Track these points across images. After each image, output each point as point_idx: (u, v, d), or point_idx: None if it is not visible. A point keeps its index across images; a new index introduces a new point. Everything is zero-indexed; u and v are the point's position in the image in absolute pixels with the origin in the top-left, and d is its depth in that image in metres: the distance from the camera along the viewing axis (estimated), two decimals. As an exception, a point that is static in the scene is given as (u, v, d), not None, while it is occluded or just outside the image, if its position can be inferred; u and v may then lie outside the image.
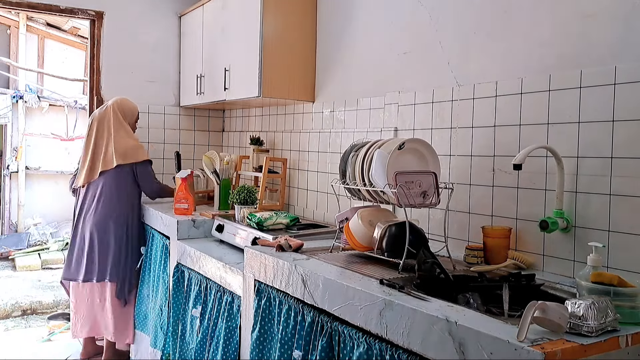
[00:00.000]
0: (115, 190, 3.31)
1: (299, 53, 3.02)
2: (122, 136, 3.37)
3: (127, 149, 3.34)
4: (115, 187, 3.31)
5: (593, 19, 1.71)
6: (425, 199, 1.89)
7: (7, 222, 7.55)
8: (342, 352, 1.60)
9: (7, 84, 7.65)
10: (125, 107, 3.47)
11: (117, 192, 3.31)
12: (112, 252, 3.27)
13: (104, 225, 3.27)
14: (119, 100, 3.49)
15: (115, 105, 3.44)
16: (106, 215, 3.27)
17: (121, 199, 3.32)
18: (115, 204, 3.30)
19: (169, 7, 3.99)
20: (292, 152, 3.26)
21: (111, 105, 3.43)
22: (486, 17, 2.06)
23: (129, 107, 3.49)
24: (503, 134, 1.97)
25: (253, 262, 2.08)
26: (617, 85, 1.63)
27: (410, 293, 1.48)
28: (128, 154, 3.33)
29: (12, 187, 7.61)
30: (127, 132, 3.41)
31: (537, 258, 1.85)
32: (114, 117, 3.39)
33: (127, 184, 3.35)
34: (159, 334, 2.94)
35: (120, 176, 3.32)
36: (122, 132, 3.38)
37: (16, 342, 4.08)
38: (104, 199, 3.29)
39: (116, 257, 3.28)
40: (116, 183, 3.31)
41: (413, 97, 2.36)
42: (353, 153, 2.07)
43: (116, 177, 3.31)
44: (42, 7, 3.66)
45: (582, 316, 1.19)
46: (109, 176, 3.31)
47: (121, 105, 3.46)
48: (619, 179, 1.62)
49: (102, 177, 3.31)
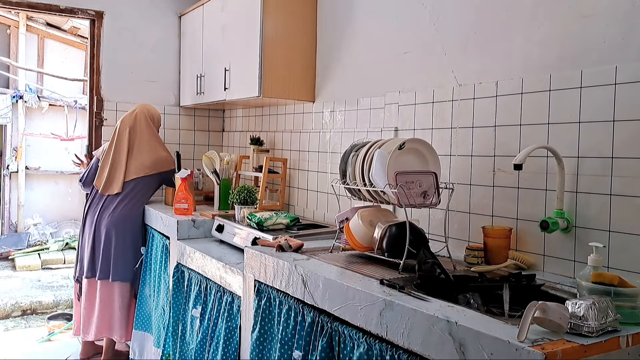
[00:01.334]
0: (139, 195, 3.38)
1: (299, 53, 3.02)
2: (156, 145, 3.46)
3: (160, 159, 3.43)
4: (141, 192, 3.38)
5: (593, 19, 1.71)
6: (425, 199, 1.89)
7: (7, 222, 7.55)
8: (342, 352, 1.60)
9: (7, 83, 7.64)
10: (154, 114, 3.56)
11: (140, 197, 3.38)
12: (129, 253, 3.31)
13: (123, 225, 3.30)
14: (146, 106, 3.56)
15: (145, 112, 3.51)
16: (125, 217, 3.31)
17: (140, 203, 3.39)
18: (134, 207, 3.36)
19: (169, 7, 3.99)
20: (292, 152, 3.26)
21: (140, 111, 3.49)
22: (486, 17, 2.06)
23: (157, 113, 3.58)
24: (503, 134, 1.97)
25: (253, 262, 2.08)
26: (617, 85, 1.62)
27: (410, 293, 1.48)
28: (159, 163, 3.42)
29: (12, 187, 7.60)
30: (159, 140, 3.52)
31: (537, 258, 1.85)
32: (145, 125, 3.46)
33: (149, 192, 3.45)
34: (162, 333, 2.94)
35: (146, 184, 3.40)
36: (155, 140, 3.48)
37: (16, 342, 4.08)
38: (127, 202, 3.33)
39: (131, 257, 3.32)
40: (142, 189, 3.38)
41: (413, 97, 2.36)
42: (353, 153, 2.07)
43: (142, 185, 3.38)
44: (42, 7, 3.66)
45: (583, 316, 1.19)
46: (134, 183, 3.36)
47: (151, 111, 3.54)
48: (620, 179, 1.62)
49: (132, 182, 3.36)
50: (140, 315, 3.27)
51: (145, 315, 3.25)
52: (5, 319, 4.69)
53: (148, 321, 3.22)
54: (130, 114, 3.49)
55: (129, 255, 3.32)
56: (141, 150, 3.41)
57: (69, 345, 3.80)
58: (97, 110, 3.78)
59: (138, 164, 3.38)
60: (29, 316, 4.82)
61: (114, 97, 3.85)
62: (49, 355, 3.58)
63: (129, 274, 3.32)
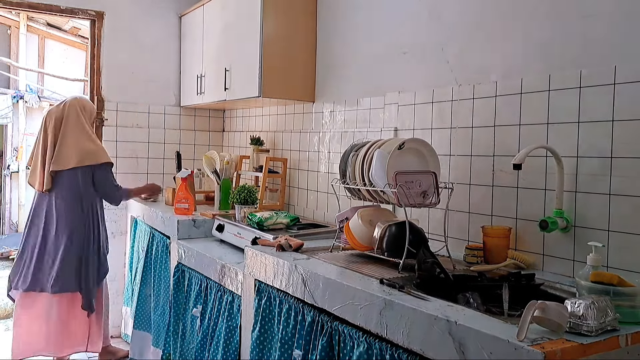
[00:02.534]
0: (72, 194, 3.11)
1: (299, 53, 3.02)
2: (83, 137, 3.16)
3: (87, 150, 3.14)
4: (74, 191, 3.11)
5: (593, 19, 1.71)
6: (425, 199, 1.90)
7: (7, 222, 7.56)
8: (342, 351, 1.60)
9: (7, 84, 7.65)
10: (87, 105, 3.29)
11: (74, 196, 3.11)
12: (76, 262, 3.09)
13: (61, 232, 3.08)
14: (79, 98, 3.30)
15: (76, 103, 3.23)
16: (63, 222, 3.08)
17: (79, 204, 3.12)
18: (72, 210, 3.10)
19: (169, 7, 4.00)
20: (292, 152, 3.26)
21: (70, 103, 3.21)
22: (486, 16, 2.06)
23: (89, 106, 3.32)
24: (503, 134, 1.97)
25: (253, 261, 2.09)
26: (617, 85, 1.63)
27: (410, 293, 1.48)
28: (87, 155, 3.13)
29: (13, 187, 7.62)
30: (88, 132, 3.21)
31: (537, 258, 1.85)
32: (74, 116, 3.18)
33: (85, 188, 3.14)
34: (162, 333, 2.94)
35: (77, 179, 3.12)
36: (83, 132, 3.18)
37: (17, 341, 4.07)
38: (61, 204, 3.10)
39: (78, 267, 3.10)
40: (74, 186, 3.11)
41: (413, 97, 2.36)
42: (353, 153, 2.07)
43: (73, 181, 3.11)
44: (43, 7, 3.66)
45: (582, 316, 1.19)
46: (66, 179, 3.11)
47: (82, 103, 3.26)
48: (619, 179, 1.62)
49: (59, 180, 3.11)
50: (140, 315, 3.27)
51: (145, 315, 3.25)
52: (5, 319, 4.69)
53: (148, 321, 3.22)
54: (58, 105, 3.25)
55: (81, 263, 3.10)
56: (66, 142, 3.12)
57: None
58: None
59: (64, 156, 3.10)
60: (30, 316, 4.82)
61: (115, 97, 3.85)
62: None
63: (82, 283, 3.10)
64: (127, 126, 3.91)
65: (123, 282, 3.90)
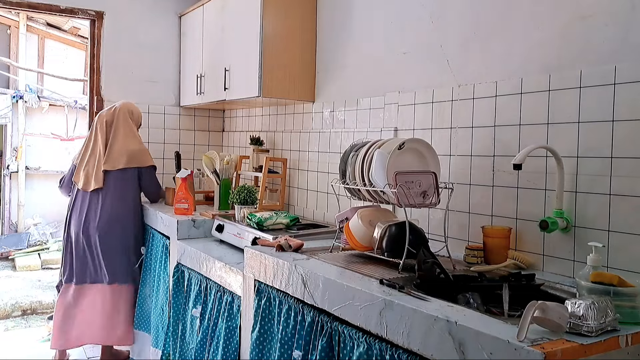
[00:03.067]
0: (120, 193, 3.30)
1: (299, 53, 3.02)
2: (131, 139, 3.39)
3: (135, 152, 3.36)
4: (120, 190, 3.30)
5: (593, 19, 1.71)
6: (425, 199, 1.90)
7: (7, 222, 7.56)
8: (342, 352, 1.60)
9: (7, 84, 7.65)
10: (135, 111, 3.51)
11: (121, 195, 3.30)
12: (120, 255, 3.26)
13: (114, 225, 3.25)
14: (128, 103, 3.52)
15: (125, 108, 3.46)
16: (111, 217, 3.25)
17: (125, 202, 3.31)
18: (121, 205, 3.29)
19: (169, 7, 4.00)
20: (292, 152, 3.26)
21: (120, 108, 3.45)
22: (486, 17, 2.06)
23: (137, 111, 3.54)
24: (503, 134, 1.97)
25: (253, 262, 2.08)
26: (617, 85, 1.63)
27: (410, 293, 1.48)
28: (135, 157, 3.35)
29: (12, 187, 7.61)
30: (136, 135, 3.45)
31: (537, 258, 1.85)
32: (123, 120, 3.41)
33: (131, 187, 3.35)
34: (161, 333, 2.94)
35: (125, 179, 3.32)
36: (131, 135, 3.41)
37: (16, 342, 4.08)
38: (109, 202, 3.26)
39: (124, 259, 3.28)
40: (121, 186, 3.30)
41: (413, 97, 2.36)
42: (353, 153, 2.07)
43: (121, 180, 3.31)
44: (42, 7, 3.66)
45: (582, 316, 1.19)
46: (113, 178, 3.29)
47: (131, 108, 3.49)
48: (619, 179, 1.62)
49: (107, 179, 3.29)
50: (140, 315, 3.27)
51: (145, 315, 3.25)
52: (5, 319, 4.69)
53: (147, 321, 3.22)
54: (109, 110, 3.46)
55: (128, 256, 3.29)
56: (117, 144, 3.33)
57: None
58: (98, 110, 3.78)
59: (114, 157, 3.30)
60: (29, 316, 4.83)
61: (114, 97, 3.84)
62: (49, 355, 3.58)
63: (128, 276, 3.29)
64: (126, 126, 3.90)
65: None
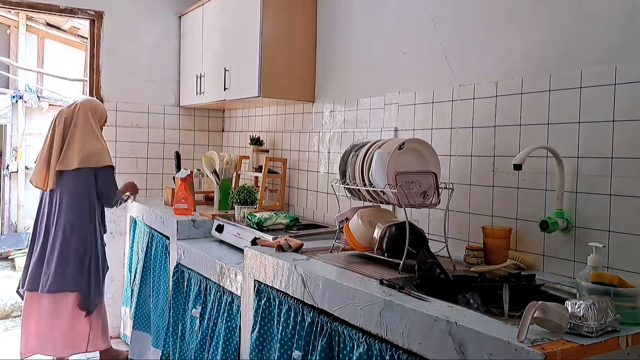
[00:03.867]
0: (76, 195, 3.12)
1: (299, 53, 3.02)
2: (90, 138, 3.18)
3: (92, 152, 3.15)
4: (77, 192, 3.13)
5: (593, 19, 1.71)
6: (425, 199, 1.89)
7: (6, 222, 7.55)
8: (342, 352, 1.60)
9: (6, 83, 7.64)
10: (98, 108, 3.31)
11: (78, 197, 3.12)
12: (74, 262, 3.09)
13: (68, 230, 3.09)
14: (91, 100, 3.34)
15: (86, 105, 3.25)
16: (66, 222, 3.09)
17: (82, 205, 3.13)
18: (75, 210, 3.11)
19: (168, 7, 3.99)
20: (292, 152, 3.26)
21: (81, 105, 3.24)
22: (486, 17, 2.06)
23: (101, 109, 3.34)
24: (503, 134, 1.97)
25: (253, 262, 2.08)
26: (617, 85, 1.62)
27: (410, 293, 1.48)
28: (92, 157, 3.15)
29: (12, 187, 7.60)
30: (96, 134, 3.22)
31: (537, 258, 1.84)
32: (83, 118, 3.20)
33: (88, 189, 3.16)
34: (161, 334, 2.94)
35: (81, 180, 3.13)
36: (90, 134, 3.20)
37: (16, 342, 4.07)
38: (65, 205, 3.11)
39: (77, 267, 3.10)
40: (77, 187, 3.12)
41: (413, 97, 2.36)
42: (353, 153, 2.07)
43: (77, 181, 3.13)
44: (42, 7, 3.66)
45: (582, 316, 1.19)
46: (69, 179, 3.12)
47: (94, 106, 3.29)
48: (619, 179, 1.62)
49: (63, 180, 3.13)
50: (140, 315, 3.27)
51: (144, 316, 3.25)
52: (5, 319, 4.69)
53: (147, 321, 3.22)
54: (69, 107, 3.26)
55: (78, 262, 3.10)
56: (74, 143, 3.14)
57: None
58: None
59: (69, 156, 3.12)
60: (29, 316, 4.81)
61: (114, 97, 3.85)
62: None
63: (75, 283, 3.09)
64: (126, 126, 3.91)
65: (122, 282, 3.89)
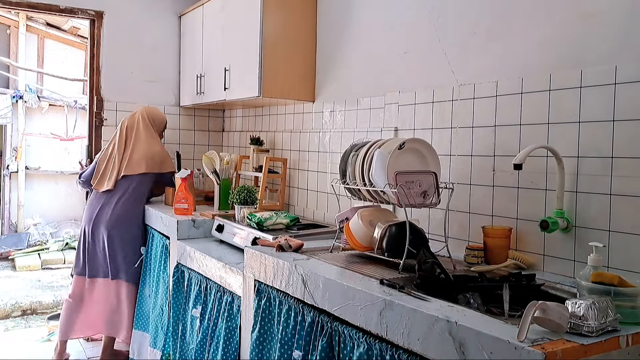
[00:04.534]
0: (137, 194, 3.38)
1: (299, 53, 3.02)
2: (151, 143, 3.43)
3: (155, 157, 3.41)
4: (138, 191, 3.38)
5: (593, 19, 1.71)
6: (425, 199, 1.89)
7: (7, 222, 7.55)
8: (342, 352, 1.60)
9: (6, 84, 7.64)
10: (155, 115, 3.55)
11: (138, 196, 3.38)
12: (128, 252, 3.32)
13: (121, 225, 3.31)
14: (148, 108, 3.59)
15: (145, 112, 3.51)
16: (123, 216, 3.32)
17: (138, 203, 3.40)
18: (133, 207, 3.37)
19: (168, 7, 3.99)
20: (292, 152, 3.26)
21: (140, 113, 3.50)
22: (486, 17, 2.06)
23: (158, 115, 3.58)
24: (503, 134, 1.97)
25: (253, 262, 2.08)
26: (617, 85, 1.62)
27: (410, 293, 1.48)
28: (155, 161, 3.40)
29: (12, 187, 7.60)
30: (156, 140, 3.49)
31: (537, 258, 1.85)
32: (143, 124, 3.46)
33: (147, 190, 3.45)
34: (160, 334, 2.94)
35: (143, 182, 3.40)
36: (151, 139, 3.45)
37: (16, 342, 4.08)
38: (124, 201, 3.33)
39: (126, 258, 3.33)
40: (139, 188, 3.38)
41: (413, 97, 2.36)
42: (353, 153, 2.07)
43: (140, 183, 3.38)
44: (42, 6, 3.66)
45: (583, 316, 1.19)
46: (130, 182, 3.36)
47: (151, 113, 3.54)
48: (619, 179, 1.62)
49: (126, 180, 3.36)
50: (140, 315, 3.27)
51: (144, 315, 3.25)
52: (5, 319, 4.69)
53: (147, 321, 3.22)
54: (132, 115, 3.54)
55: (130, 255, 3.33)
56: (136, 149, 3.40)
57: (69, 345, 3.79)
58: (97, 110, 3.79)
59: (132, 162, 3.37)
60: (29, 316, 4.82)
61: (114, 97, 3.85)
62: (49, 356, 3.58)
63: (131, 274, 3.33)
64: (126, 126, 3.90)
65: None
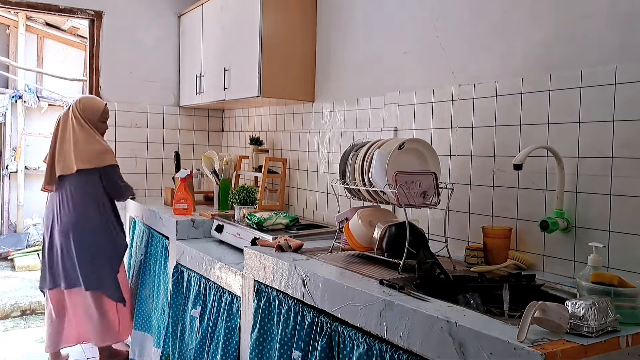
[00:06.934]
0: (81, 195, 3.12)
1: (298, 53, 3.02)
2: (84, 140, 3.12)
3: (90, 154, 3.10)
4: (81, 192, 3.12)
5: (593, 19, 1.71)
6: (425, 199, 1.89)
7: (6, 223, 7.54)
8: (342, 352, 1.60)
9: (6, 83, 7.64)
10: (86, 106, 3.19)
11: (83, 197, 3.12)
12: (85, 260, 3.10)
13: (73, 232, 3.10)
14: (79, 99, 3.24)
15: (75, 106, 3.18)
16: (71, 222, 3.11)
17: (89, 205, 3.13)
18: (83, 210, 3.12)
19: (168, 7, 3.99)
20: (292, 152, 3.26)
21: (72, 107, 3.18)
22: (486, 17, 2.06)
23: (89, 106, 3.21)
24: (503, 134, 1.97)
25: (252, 262, 2.08)
26: (617, 85, 1.62)
27: (410, 293, 1.48)
28: (91, 159, 3.10)
29: (11, 187, 7.60)
30: (89, 134, 3.14)
31: (537, 258, 1.84)
32: (74, 120, 3.14)
33: (98, 190, 3.15)
34: (162, 334, 2.94)
35: (84, 181, 3.11)
36: (84, 135, 3.13)
37: (15, 342, 4.07)
38: (69, 205, 3.11)
39: (98, 267, 3.12)
40: (81, 188, 3.11)
41: (413, 97, 2.36)
42: (353, 153, 2.07)
43: (80, 182, 3.11)
44: (42, 6, 3.66)
45: (583, 316, 1.18)
46: (72, 181, 3.12)
47: (81, 105, 3.19)
48: (619, 179, 1.62)
49: (66, 182, 3.13)
50: (140, 315, 3.27)
51: (145, 316, 3.25)
52: (4, 319, 4.68)
53: (148, 321, 3.22)
54: (66, 110, 3.21)
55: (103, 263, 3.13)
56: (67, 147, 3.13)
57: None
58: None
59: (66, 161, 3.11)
60: (29, 316, 4.81)
61: (114, 97, 3.85)
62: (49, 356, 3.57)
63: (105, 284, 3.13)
64: (125, 126, 3.91)
65: (122, 282, 3.88)
